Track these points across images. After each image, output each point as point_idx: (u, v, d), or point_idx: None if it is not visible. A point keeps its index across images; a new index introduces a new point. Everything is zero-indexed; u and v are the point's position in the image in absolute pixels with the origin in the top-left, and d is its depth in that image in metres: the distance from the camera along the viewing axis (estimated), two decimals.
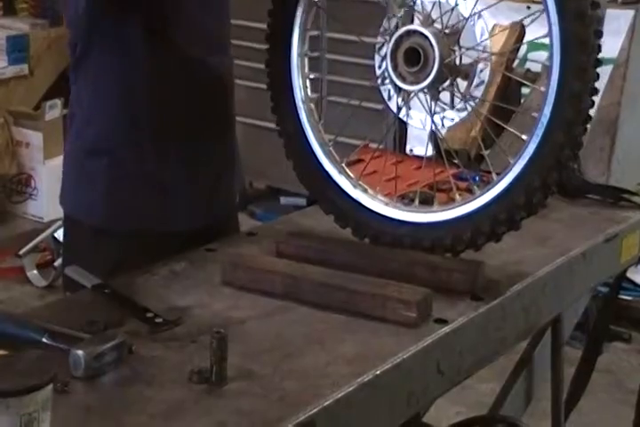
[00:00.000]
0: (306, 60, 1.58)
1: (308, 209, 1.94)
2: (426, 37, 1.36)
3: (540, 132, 1.31)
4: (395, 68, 1.41)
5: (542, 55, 1.60)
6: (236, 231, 1.86)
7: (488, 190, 1.40)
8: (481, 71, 1.38)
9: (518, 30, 1.70)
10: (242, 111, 1.88)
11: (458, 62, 1.38)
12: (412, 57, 1.39)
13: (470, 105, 1.41)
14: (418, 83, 1.39)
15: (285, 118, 1.60)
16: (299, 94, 1.59)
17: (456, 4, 1.37)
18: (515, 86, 1.70)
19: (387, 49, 1.41)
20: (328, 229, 1.63)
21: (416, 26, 1.38)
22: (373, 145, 1.87)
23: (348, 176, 1.55)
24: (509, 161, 1.37)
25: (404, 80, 1.40)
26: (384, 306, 1.35)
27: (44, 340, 1.28)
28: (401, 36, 1.38)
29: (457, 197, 1.46)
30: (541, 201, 1.40)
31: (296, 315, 1.41)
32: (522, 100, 1.90)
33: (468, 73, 1.40)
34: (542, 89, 1.34)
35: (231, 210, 1.88)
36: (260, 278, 1.47)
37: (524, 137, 1.36)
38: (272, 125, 1.66)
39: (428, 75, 1.36)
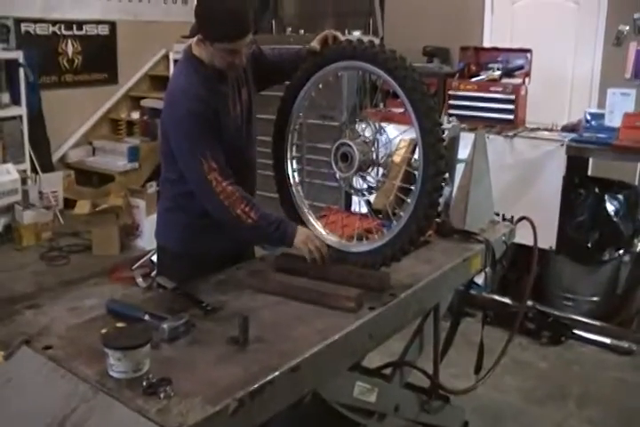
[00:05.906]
0: (294, 161, 2.01)
1: None
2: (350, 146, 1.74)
3: (414, 198, 1.64)
4: (335, 163, 1.78)
5: None
6: (253, 257, 2.11)
7: (392, 232, 1.70)
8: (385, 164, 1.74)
9: (414, 143, 1.94)
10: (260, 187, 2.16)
11: (374, 158, 1.75)
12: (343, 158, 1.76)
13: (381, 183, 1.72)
14: (348, 172, 1.75)
15: (285, 196, 2.00)
16: (292, 180, 2.00)
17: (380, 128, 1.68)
18: (412, 174, 1.82)
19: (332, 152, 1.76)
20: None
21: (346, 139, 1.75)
22: (333, 207, 2.25)
23: (318, 224, 1.93)
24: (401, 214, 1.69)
25: (341, 170, 1.77)
26: (337, 300, 1.59)
27: (145, 318, 1.45)
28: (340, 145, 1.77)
29: (376, 236, 1.79)
30: (418, 239, 1.65)
31: (288, 306, 1.59)
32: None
33: (381, 164, 1.76)
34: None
35: (251, 244, 2.15)
36: (268, 284, 1.70)
37: (408, 200, 1.65)
38: (275, 196, 2.02)
39: (353, 167, 1.73)
